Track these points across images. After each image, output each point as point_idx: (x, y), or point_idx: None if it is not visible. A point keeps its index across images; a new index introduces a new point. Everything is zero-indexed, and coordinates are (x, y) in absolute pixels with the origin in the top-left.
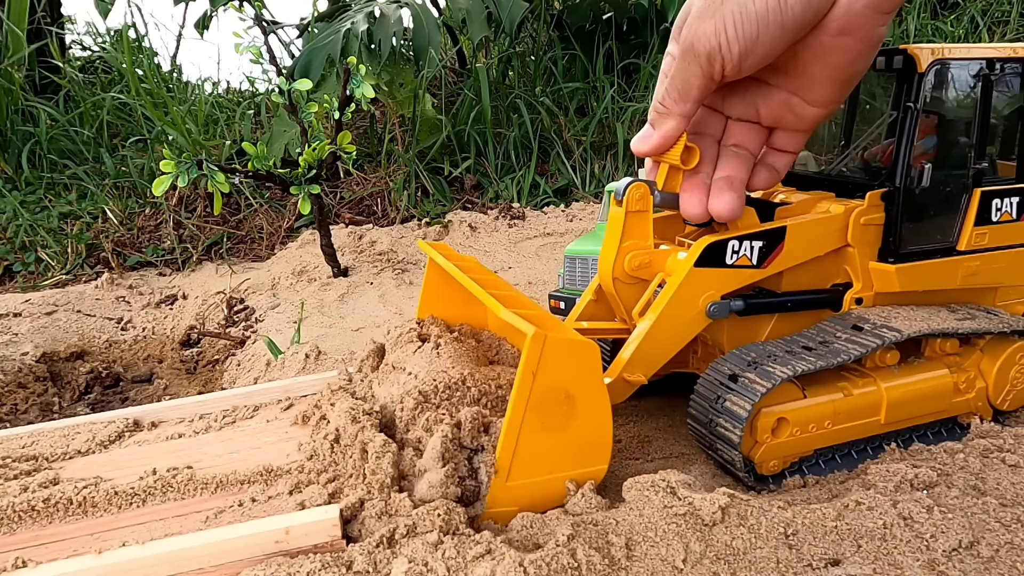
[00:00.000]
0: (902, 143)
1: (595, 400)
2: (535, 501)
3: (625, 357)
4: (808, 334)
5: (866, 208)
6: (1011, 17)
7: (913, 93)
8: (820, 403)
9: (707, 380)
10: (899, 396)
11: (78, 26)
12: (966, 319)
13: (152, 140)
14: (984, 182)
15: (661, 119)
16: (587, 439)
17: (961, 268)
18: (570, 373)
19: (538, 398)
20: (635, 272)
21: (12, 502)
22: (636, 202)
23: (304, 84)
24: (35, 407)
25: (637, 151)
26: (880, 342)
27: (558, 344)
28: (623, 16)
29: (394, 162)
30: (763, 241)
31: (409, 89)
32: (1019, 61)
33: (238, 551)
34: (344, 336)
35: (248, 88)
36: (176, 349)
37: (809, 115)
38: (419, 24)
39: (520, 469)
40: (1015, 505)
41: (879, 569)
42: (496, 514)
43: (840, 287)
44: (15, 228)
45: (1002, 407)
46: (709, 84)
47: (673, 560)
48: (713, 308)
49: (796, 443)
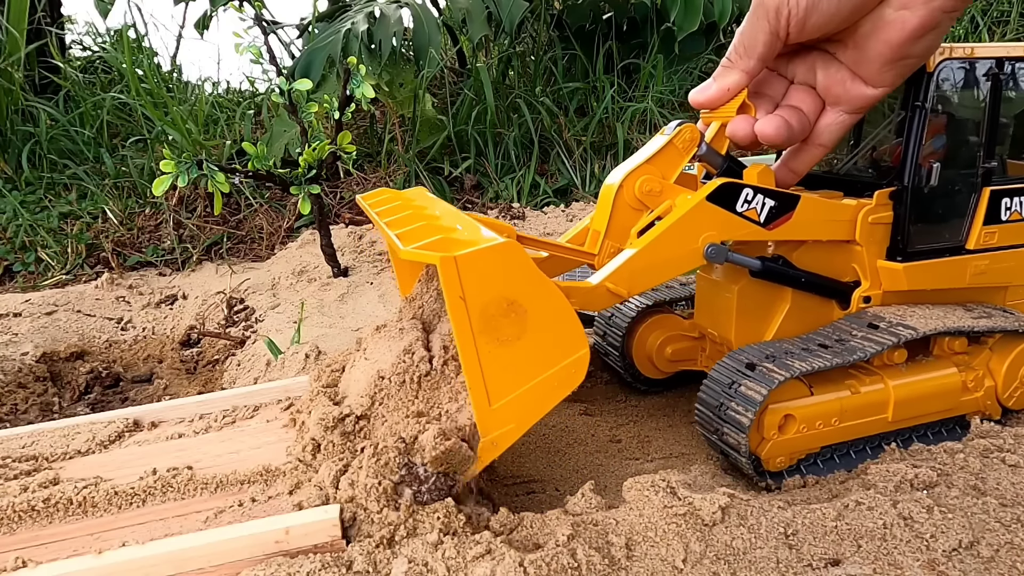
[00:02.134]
0: (910, 142)
1: (541, 293)
2: (529, 411)
3: (613, 267)
4: (824, 332)
5: (874, 207)
6: (1011, 17)
7: (922, 92)
8: (827, 400)
9: (724, 366)
10: (907, 394)
11: (78, 26)
12: (982, 317)
13: (152, 140)
14: (993, 181)
15: (724, 71)
16: (554, 333)
17: (970, 267)
18: (499, 281)
19: (479, 320)
20: (642, 196)
21: (12, 502)
22: (684, 142)
23: (304, 84)
24: (35, 407)
25: (693, 101)
26: (896, 340)
27: (471, 260)
28: (623, 16)
29: (394, 162)
30: (776, 202)
31: (409, 89)
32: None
33: (238, 551)
34: (344, 336)
35: (248, 88)
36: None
37: (860, 95)
38: (419, 24)
39: (498, 390)
40: (1015, 505)
41: (879, 569)
42: (497, 439)
43: (850, 285)
44: (15, 228)
45: (1008, 403)
46: (774, 41)
47: (673, 560)
48: (711, 250)
49: (803, 440)
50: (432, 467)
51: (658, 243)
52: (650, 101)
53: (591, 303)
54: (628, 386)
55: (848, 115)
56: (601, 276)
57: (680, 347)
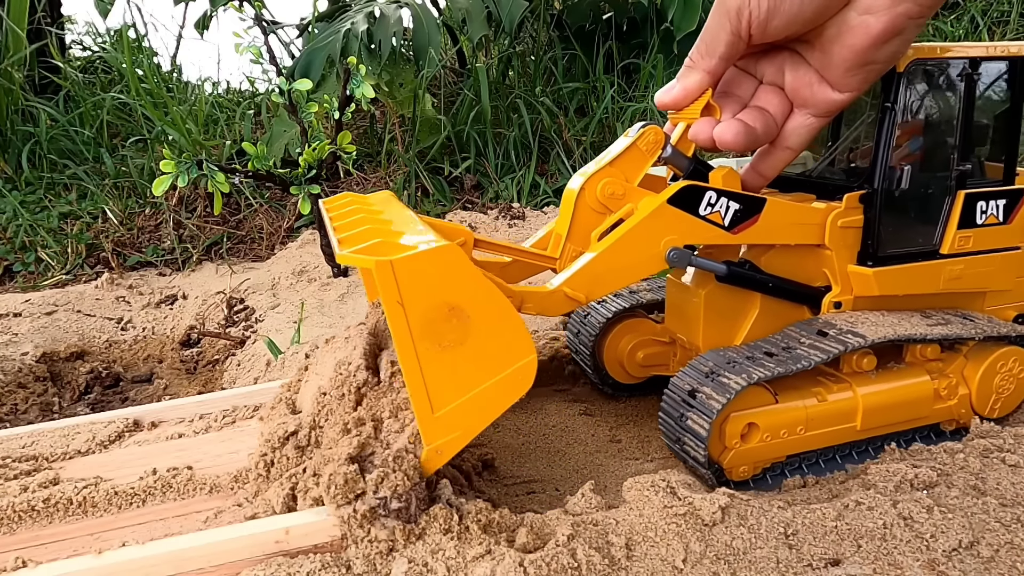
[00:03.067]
0: (880, 144)
1: (484, 298)
2: (474, 419)
3: (571, 272)
4: (773, 339)
5: (844, 210)
6: (1011, 17)
7: (892, 93)
8: (792, 408)
9: (669, 397)
10: (876, 402)
11: (78, 26)
12: (939, 324)
13: (152, 140)
14: (968, 184)
15: (687, 72)
16: (498, 339)
17: (944, 272)
18: (439, 285)
19: (419, 325)
20: (604, 199)
21: (12, 502)
22: (648, 144)
23: (304, 84)
24: (35, 407)
25: (658, 102)
26: (843, 348)
27: (408, 264)
28: (623, 16)
29: (394, 162)
30: (741, 205)
31: (409, 89)
32: (1004, 60)
33: (238, 551)
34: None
35: (248, 88)
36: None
37: (826, 99)
38: (419, 24)
39: (440, 397)
40: (1015, 505)
41: (879, 569)
42: (442, 448)
43: (820, 290)
44: (15, 228)
45: (991, 415)
46: (736, 41)
47: (673, 560)
48: (673, 254)
49: (767, 448)
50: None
51: (618, 247)
52: (650, 101)
53: (548, 308)
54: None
55: (815, 119)
56: (559, 281)
57: (651, 352)
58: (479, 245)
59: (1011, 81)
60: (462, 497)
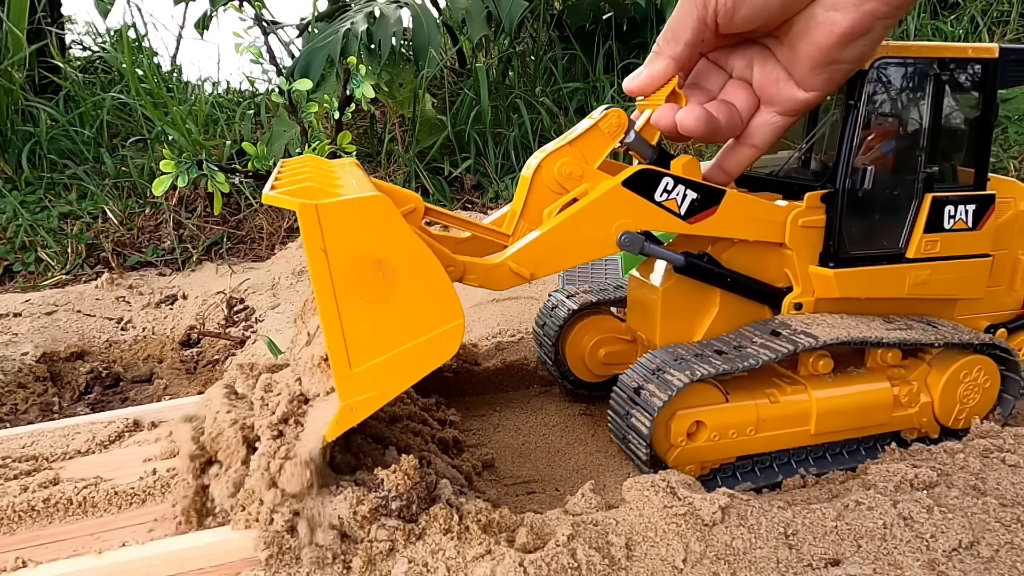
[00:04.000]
0: (844, 144)
1: (413, 256)
2: (394, 379)
3: (518, 247)
4: (727, 338)
5: (804, 209)
6: (1011, 17)
7: (857, 91)
8: (743, 408)
9: (616, 395)
10: (831, 407)
11: (78, 26)
12: (898, 329)
13: (152, 140)
14: (936, 187)
15: (653, 58)
16: (426, 299)
17: (910, 276)
18: (367, 237)
19: (342, 275)
20: (561, 178)
21: (12, 502)
22: (610, 126)
23: (304, 84)
24: (35, 407)
25: (626, 88)
26: (793, 348)
27: (336, 210)
28: (623, 16)
29: (394, 162)
30: (699, 195)
31: (409, 89)
32: (975, 62)
33: (238, 551)
34: None
35: (248, 88)
36: (176, 349)
37: (791, 97)
38: (419, 24)
39: (359, 353)
40: (1015, 505)
41: (879, 569)
42: (357, 405)
43: (782, 290)
44: (15, 228)
45: (956, 426)
46: (702, 28)
47: (673, 560)
48: (624, 238)
49: (715, 448)
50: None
51: (568, 225)
52: None
53: (492, 281)
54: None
55: (781, 117)
56: (505, 255)
57: (614, 350)
58: (430, 213)
59: (983, 83)
60: (462, 497)
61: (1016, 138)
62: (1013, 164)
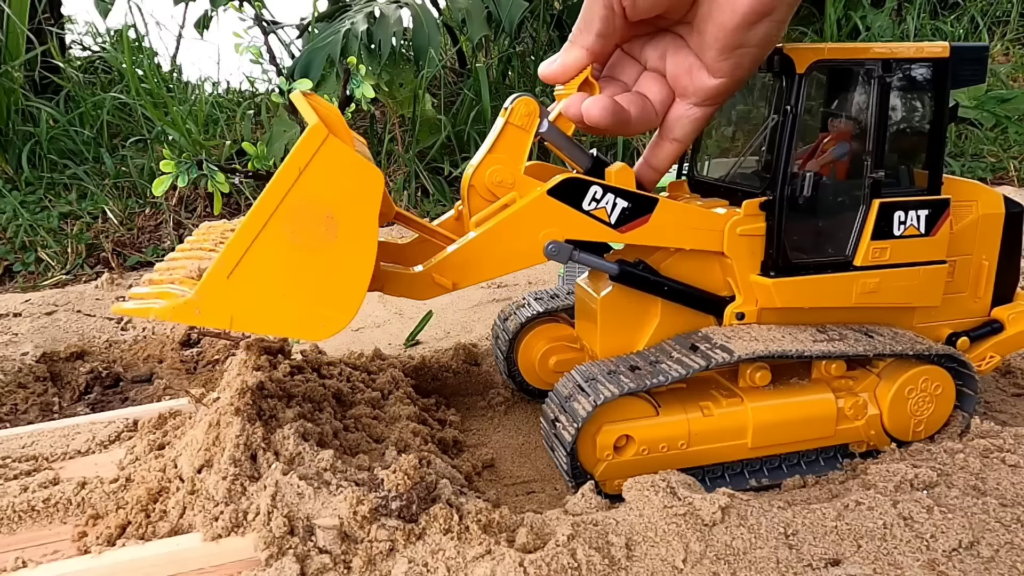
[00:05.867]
0: (781, 149)
1: (360, 238)
2: (252, 317)
3: (441, 256)
4: (647, 352)
5: (743, 218)
6: (1011, 17)
7: (792, 96)
8: (673, 421)
9: (544, 412)
10: (769, 419)
11: (78, 26)
12: (828, 341)
13: (152, 140)
14: (884, 193)
15: (567, 48)
16: (337, 278)
17: (857, 285)
18: (342, 193)
19: (295, 202)
20: (493, 187)
21: (12, 502)
22: (520, 117)
23: (304, 84)
24: (35, 407)
25: (541, 74)
26: (706, 364)
27: (339, 152)
28: None
29: (394, 162)
30: (629, 203)
31: (409, 89)
32: (924, 63)
33: (238, 551)
34: (344, 336)
35: (248, 88)
36: (176, 349)
37: (703, 85)
38: (419, 24)
39: (247, 272)
40: (1015, 505)
41: (879, 569)
42: (204, 311)
43: (724, 299)
44: (15, 228)
45: (917, 438)
46: (611, 16)
47: (673, 560)
48: (551, 247)
49: (644, 463)
50: None
51: (491, 235)
52: None
53: (414, 291)
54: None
55: (697, 108)
56: (427, 265)
57: (564, 358)
58: (398, 218)
59: (934, 84)
60: (462, 497)
61: (1016, 138)
62: (1013, 164)
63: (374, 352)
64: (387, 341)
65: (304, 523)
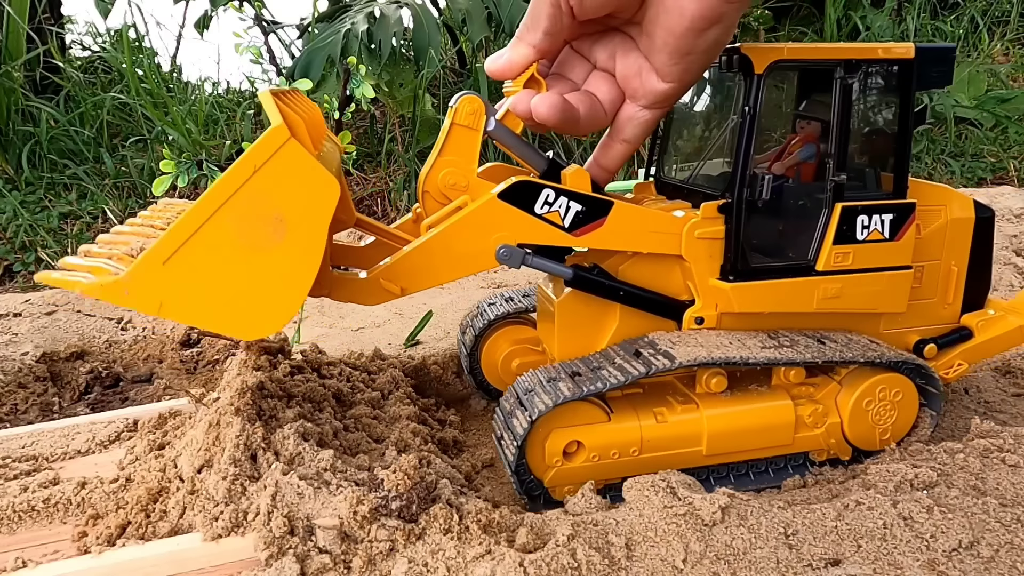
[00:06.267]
0: (740, 151)
1: (306, 244)
2: (182, 306)
3: (389, 261)
4: (591, 357)
5: (701, 220)
6: (1011, 17)
7: (751, 97)
8: (625, 428)
9: (494, 421)
10: (724, 427)
11: (78, 26)
12: (776, 348)
13: (152, 140)
14: (848, 196)
15: (514, 44)
16: (276, 281)
17: (819, 290)
18: (294, 197)
19: (245, 198)
20: (447, 190)
21: (12, 502)
22: (465, 116)
23: (304, 84)
24: (35, 407)
25: (487, 69)
26: (646, 371)
27: (297, 157)
28: None
29: (394, 162)
30: (583, 206)
31: (409, 89)
32: (888, 63)
33: (238, 551)
34: (344, 336)
35: (248, 88)
36: (176, 349)
37: (653, 89)
38: (419, 24)
39: (184, 260)
40: (1015, 505)
41: (879, 569)
42: (133, 292)
43: (683, 303)
44: (15, 228)
45: (884, 446)
46: (557, 14)
47: (673, 560)
48: (502, 251)
49: (596, 469)
50: None
51: (441, 240)
52: None
53: (362, 296)
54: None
55: (647, 110)
56: (376, 269)
57: (527, 361)
58: (359, 225)
59: (899, 86)
60: (462, 497)
61: (1016, 138)
62: (1013, 164)
63: (374, 352)
64: (387, 341)
65: (304, 523)
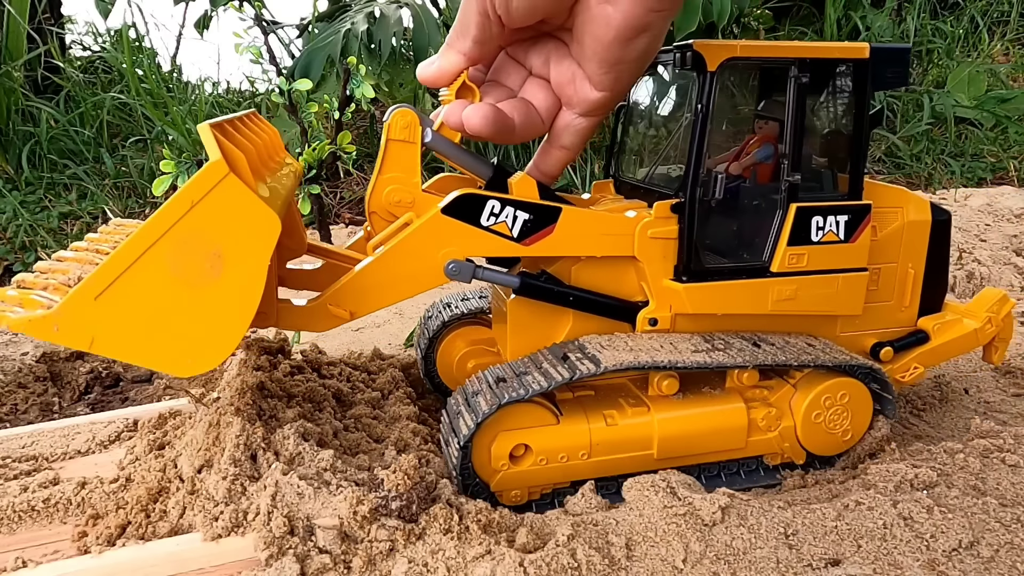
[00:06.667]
0: (693, 150)
1: (245, 280)
2: (116, 344)
3: (336, 285)
4: (520, 362)
5: (653, 220)
6: (1011, 17)
7: (704, 94)
8: (574, 431)
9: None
10: (675, 430)
11: (78, 26)
12: (704, 352)
13: (152, 140)
14: (803, 197)
15: (444, 51)
16: (213, 318)
17: (773, 292)
18: (233, 233)
19: (182, 233)
20: (393, 208)
21: (12, 502)
22: (400, 131)
23: (304, 84)
24: (35, 407)
25: (418, 76)
26: (570, 376)
27: (236, 193)
28: None
29: None
30: (531, 215)
31: (409, 89)
32: (843, 62)
33: (238, 551)
34: (344, 336)
35: (248, 88)
36: None
37: (586, 97)
38: (419, 24)
39: (117, 295)
40: (1015, 505)
41: (879, 569)
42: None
43: (636, 305)
44: (15, 228)
45: (829, 452)
46: (486, 23)
47: (673, 560)
48: (452, 267)
49: (543, 473)
50: None
51: (387, 260)
52: None
53: (310, 323)
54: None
55: (582, 118)
56: (323, 295)
57: (483, 362)
58: (311, 251)
59: (854, 86)
60: (462, 497)
61: (1016, 138)
62: (1013, 164)
63: (374, 352)
64: (387, 341)
65: (304, 523)
